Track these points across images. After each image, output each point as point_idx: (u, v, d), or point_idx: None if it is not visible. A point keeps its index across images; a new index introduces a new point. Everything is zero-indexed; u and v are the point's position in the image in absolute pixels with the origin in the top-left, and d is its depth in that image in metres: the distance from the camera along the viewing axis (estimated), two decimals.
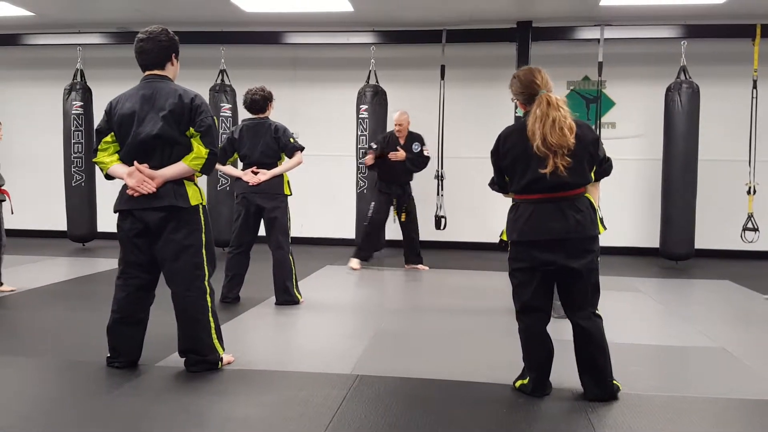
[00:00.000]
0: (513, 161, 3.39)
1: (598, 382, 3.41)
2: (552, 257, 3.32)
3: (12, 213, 6.23)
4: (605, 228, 3.48)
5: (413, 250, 7.90)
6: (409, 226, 7.85)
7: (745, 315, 5.74)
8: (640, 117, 9.03)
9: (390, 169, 7.60)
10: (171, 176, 3.69)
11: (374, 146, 7.56)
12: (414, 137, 7.74)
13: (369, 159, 7.47)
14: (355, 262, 7.70)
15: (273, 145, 5.69)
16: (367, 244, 7.81)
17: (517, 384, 3.56)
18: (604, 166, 3.51)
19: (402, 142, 7.66)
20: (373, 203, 7.74)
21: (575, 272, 3.33)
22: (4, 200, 6.10)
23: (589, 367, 3.41)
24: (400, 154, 7.55)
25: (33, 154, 10.08)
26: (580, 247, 3.33)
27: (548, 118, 3.26)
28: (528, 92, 3.41)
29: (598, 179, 3.52)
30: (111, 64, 9.58)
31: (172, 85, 3.77)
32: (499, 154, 3.48)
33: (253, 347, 4.50)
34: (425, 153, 7.73)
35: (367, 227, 7.77)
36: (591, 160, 3.38)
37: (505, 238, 3.54)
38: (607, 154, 3.52)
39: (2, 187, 6.08)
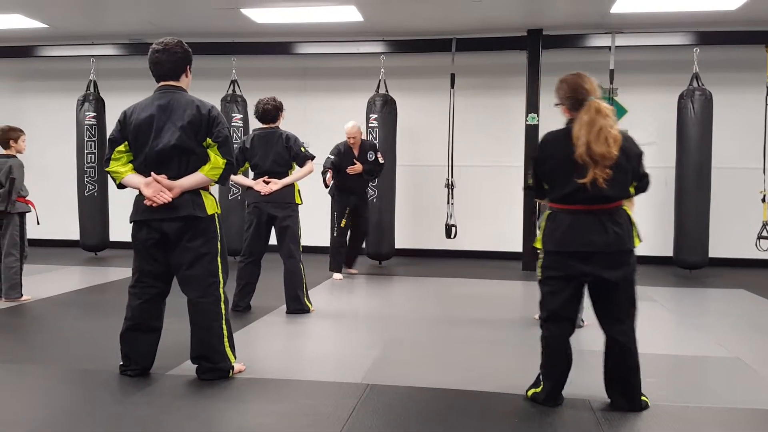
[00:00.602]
0: (553, 168, 3.34)
1: (630, 399, 3.37)
2: (588, 268, 3.28)
3: (38, 224, 6.28)
4: (641, 240, 3.42)
5: (356, 254, 8.02)
6: (362, 232, 7.96)
7: (760, 324, 5.69)
8: (652, 125, 8.99)
9: (348, 181, 7.60)
10: (189, 186, 3.71)
11: (332, 158, 7.52)
12: (367, 146, 7.79)
13: (329, 179, 7.41)
14: (337, 275, 7.69)
15: (284, 154, 5.71)
16: (340, 257, 7.77)
17: (530, 393, 3.53)
18: (643, 182, 3.44)
19: (356, 152, 7.69)
20: (336, 214, 7.66)
21: (611, 284, 3.29)
22: (29, 211, 6.15)
23: (622, 383, 3.37)
24: (357, 168, 7.58)
25: (46, 164, 10.15)
26: (618, 260, 3.28)
27: (595, 126, 3.20)
28: (575, 97, 3.33)
29: (635, 194, 3.45)
30: (124, 76, 9.66)
31: (188, 96, 3.80)
32: (539, 158, 3.42)
33: (264, 356, 4.49)
34: (380, 160, 7.79)
35: (338, 239, 7.69)
36: (633, 175, 3.33)
37: (539, 246, 3.47)
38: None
39: (27, 198, 6.13)
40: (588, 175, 3.19)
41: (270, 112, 5.76)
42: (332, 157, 7.54)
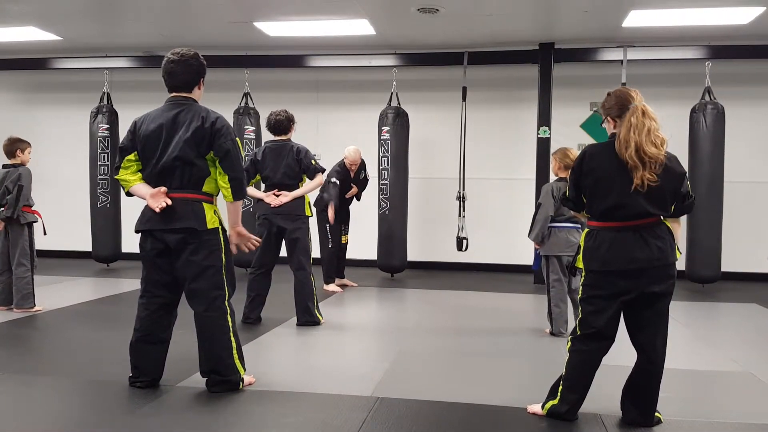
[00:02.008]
0: (596, 181, 3.30)
1: (645, 414, 3.34)
2: (634, 284, 3.23)
3: (45, 234, 6.32)
4: (680, 252, 3.40)
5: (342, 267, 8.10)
6: (345, 246, 8.10)
7: None
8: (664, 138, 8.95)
9: (341, 202, 7.77)
10: (231, 220, 3.92)
11: (337, 183, 7.58)
12: (361, 167, 8.00)
13: (331, 217, 7.49)
14: (333, 286, 7.72)
15: (295, 166, 5.73)
16: (334, 267, 7.86)
17: (547, 406, 3.46)
18: (686, 203, 3.38)
19: (352, 175, 7.89)
20: (328, 227, 7.64)
21: (655, 296, 3.25)
22: (36, 221, 6.19)
23: (643, 398, 3.34)
24: (353, 192, 7.91)
25: (60, 176, 10.23)
26: (663, 273, 3.25)
27: (644, 127, 3.19)
28: (620, 104, 3.31)
29: (678, 215, 3.41)
30: (137, 88, 9.74)
31: (196, 107, 3.80)
32: (582, 170, 3.36)
33: (274, 368, 4.49)
34: (368, 177, 8.17)
35: (334, 251, 7.74)
36: (674, 194, 3.29)
37: (580, 266, 3.40)
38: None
39: (33, 208, 6.18)
40: (637, 176, 3.16)
41: (281, 123, 5.79)
42: (337, 182, 7.59)
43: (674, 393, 3.98)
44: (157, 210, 3.66)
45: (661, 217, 3.30)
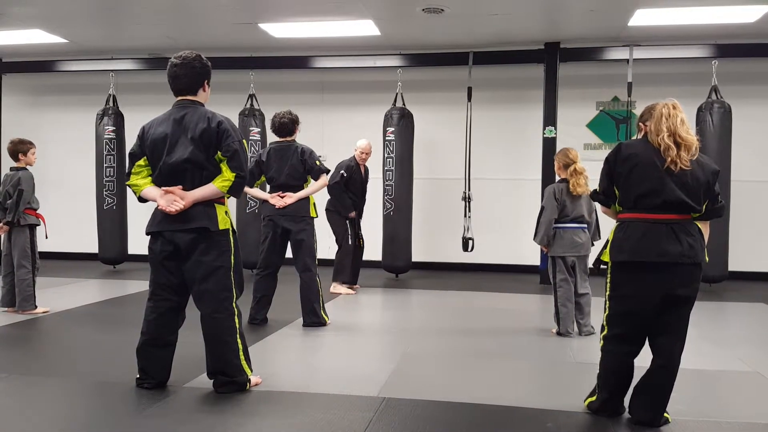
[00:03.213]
0: (632, 168, 3.28)
1: (655, 412, 3.33)
2: (661, 283, 3.22)
3: (46, 237, 6.33)
4: (708, 259, 3.38)
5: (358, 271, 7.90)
6: (361, 251, 7.85)
7: None
8: None
9: (354, 197, 7.62)
10: (201, 197, 3.72)
11: (344, 174, 7.46)
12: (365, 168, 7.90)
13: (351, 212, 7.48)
14: (340, 287, 7.56)
15: (299, 167, 5.73)
16: (348, 268, 7.66)
17: (587, 402, 3.52)
18: (717, 206, 3.39)
19: (362, 170, 7.77)
20: (346, 229, 7.52)
21: (680, 300, 3.25)
22: (39, 224, 6.21)
23: (654, 399, 3.33)
24: (352, 215, 7.60)
25: (66, 178, 10.26)
26: (690, 275, 3.24)
27: (677, 117, 3.26)
28: (650, 109, 3.40)
29: (707, 218, 3.39)
30: (143, 90, 9.76)
31: (202, 110, 3.81)
32: (617, 159, 3.35)
33: (280, 369, 4.49)
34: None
35: (349, 249, 7.58)
36: (708, 190, 3.30)
37: (607, 258, 3.39)
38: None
39: (36, 211, 6.19)
40: (669, 156, 3.20)
41: (286, 125, 5.80)
42: (345, 174, 7.49)
43: (681, 392, 3.96)
44: (173, 212, 3.67)
45: (692, 218, 3.29)
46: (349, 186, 7.55)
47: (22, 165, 6.15)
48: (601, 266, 3.50)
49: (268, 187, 5.96)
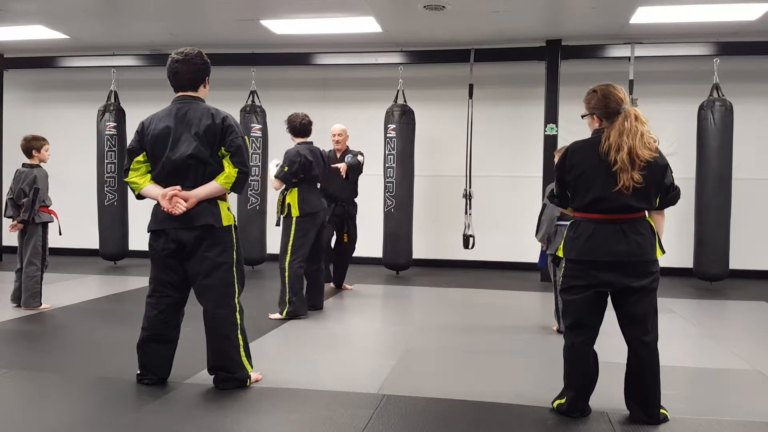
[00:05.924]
0: (578, 176, 3.35)
1: (647, 411, 3.34)
2: (611, 278, 3.28)
3: (60, 234, 6.34)
4: (663, 251, 3.40)
5: (344, 273, 7.58)
6: (348, 248, 7.45)
7: None
8: (672, 135, 8.90)
9: (330, 185, 6.98)
10: (204, 196, 3.72)
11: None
12: (348, 151, 7.44)
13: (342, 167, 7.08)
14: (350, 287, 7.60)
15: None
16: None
17: (555, 403, 3.51)
18: (670, 195, 3.41)
19: (338, 156, 7.44)
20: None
21: (635, 291, 3.28)
22: (52, 221, 6.21)
23: (641, 395, 3.35)
24: (342, 166, 7.12)
25: (67, 174, 10.23)
26: (641, 269, 3.28)
27: (638, 132, 3.24)
28: (608, 106, 3.35)
29: (662, 207, 3.43)
30: (144, 86, 9.75)
31: (204, 106, 3.81)
32: (564, 166, 3.42)
33: (281, 365, 4.49)
34: (359, 162, 7.29)
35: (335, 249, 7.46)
36: (657, 187, 3.32)
37: (561, 254, 3.50)
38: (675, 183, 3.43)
39: (50, 208, 6.19)
40: (622, 179, 3.20)
41: (309, 126, 6.20)
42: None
43: (681, 390, 3.97)
44: (177, 214, 3.66)
45: (645, 214, 3.34)
46: (328, 177, 6.84)
47: (35, 162, 6.15)
48: (556, 260, 3.57)
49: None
